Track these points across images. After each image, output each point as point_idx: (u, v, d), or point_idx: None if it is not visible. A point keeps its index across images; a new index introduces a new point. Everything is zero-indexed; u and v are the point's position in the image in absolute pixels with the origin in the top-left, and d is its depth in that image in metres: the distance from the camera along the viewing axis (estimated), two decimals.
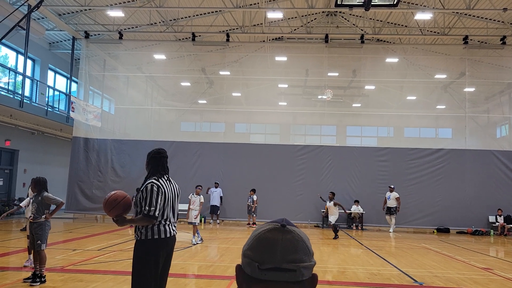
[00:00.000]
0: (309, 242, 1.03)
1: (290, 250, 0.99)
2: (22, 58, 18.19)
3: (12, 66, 19.32)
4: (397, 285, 7.37)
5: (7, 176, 19.58)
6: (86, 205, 18.68)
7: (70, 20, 18.99)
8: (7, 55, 19.34)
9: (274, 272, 0.97)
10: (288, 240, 1.00)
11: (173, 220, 4.25)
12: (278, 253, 0.98)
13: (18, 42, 17.69)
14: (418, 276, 8.16)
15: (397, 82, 21.63)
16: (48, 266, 7.10)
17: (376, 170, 18.76)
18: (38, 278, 6.65)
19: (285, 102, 23.79)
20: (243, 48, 21.24)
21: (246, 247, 1.03)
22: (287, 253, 0.98)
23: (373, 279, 7.88)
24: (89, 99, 20.12)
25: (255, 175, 18.64)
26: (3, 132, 18.26)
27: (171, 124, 23.70)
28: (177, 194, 4.34)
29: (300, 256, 0.99)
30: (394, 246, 13.44)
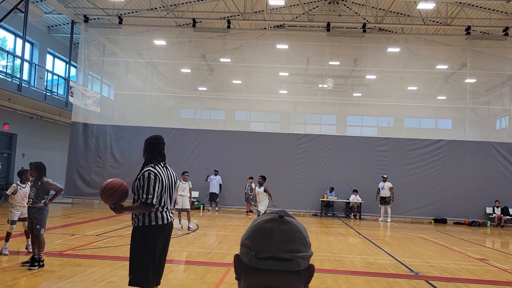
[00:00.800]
0: (306, 233, 1.04)
1: (286, 240, 1.00)
2: (20, 41, 18.02)
3: (10, 49, 19.17)
4: (393, 274, 7.42)
5: (5, 160, 19.56)
6: (84, 191, 18.71)
7: (69, 4, 18.80)
8: (5, 38, 19.17)
9: (270, 261, 0.98)
10: (285, 230, 1.01)
11: (170, 207, 4.25)
12: (275, 242, 0.99)
13: (17, 25, 17.52)
14: (414, 266, 8.21)
15: (398, 72, 21.53)
16: (46, 250, 7.12)
17: (375, 160, 18.78)
18: (36, 262, 6.68)
19: (286, 91, 23.69)
20: (244, 35, 21.08)
21: (245, 237, 1.04)
22: (284, 243, 0.99)
23: (369, 268, 7.93)
24: (88, 84, 20.02)
25: (255, 163, 18.63)
26: (1, 116, 18.19)
27: (171, 110, 23.63)
28: (174, 181, 4.34)
29: (297, 246, 1.00)
30: (391, 236, 13.51)
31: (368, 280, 6.90)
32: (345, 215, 19.01)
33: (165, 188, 4.15)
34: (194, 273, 6.79)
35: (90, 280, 6.03)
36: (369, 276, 7.17)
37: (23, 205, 7.66)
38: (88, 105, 18.76)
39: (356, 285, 6.49)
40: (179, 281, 6.22)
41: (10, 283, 5.77)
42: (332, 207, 19.10)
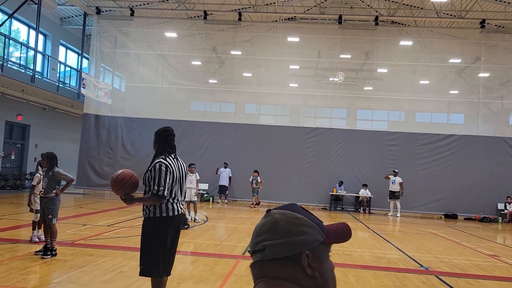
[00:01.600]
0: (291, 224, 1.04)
1: (260, 232, 1.06)
2: (33, 33, 18.18)
3: (24, 41, 19.34)
4: (403, 269, 7.41)
5: (19, 150, 19.83)
6: (96, 182, 18.90)
7: None
8: (19, 29, 19.34)
9: (253, 255, 1.06)
10: (263, 223, 1.07)
11: (181, 199, 4.28)
12: (253, 237, 1.07)
13: (30, 17, 17.67)
14: (424, 261, 8.18)
15: (410, 66, 21.31)
16: (58, 240, 7.23)
17: (385, 154, 18.68)
18: (49, 251, 6.78)
19: (296, 84, 23.60)
20: (255, 27, 21.00)
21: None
22: (257, 235, 1.06)
23: (379, 262, 7.92)
24: (100, 76, 20.15)
25: (265, 156, 18.67)
26: (15, 107, 18.41)
27: (181, 103, 23.68)
28: (185, 173, 4.36)
29: (268, 235, 1.04)
30: (401, 231, 13.47)
31: (378, 274, 6.90)
32: (354, 209, 18.97)
33: (176, 179, 4.18)
34: (203, 265, 6.84)
35: (102, 270, 6.11)
36: (378, 271, 7.17)
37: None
38: (99, 97, 18.89)
39: (365, 279, 6.50)
40: (188, 273, 6.28)
41: (24, 271, 5.87)
42: (341, 201, 19.08)
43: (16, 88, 17.30)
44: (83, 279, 5.63)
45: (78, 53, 22.74)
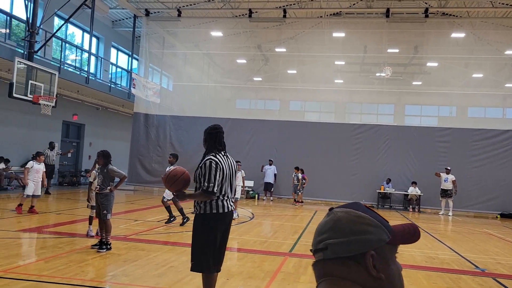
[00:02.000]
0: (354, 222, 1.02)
1: (322, 231, 1.05)
2: (87, 36, 19.00)
3: (78, 44, 20.27)
4: (457, 270, 7.15)
5: (75, 148, 20.82)
6: (146, 178, 19.52)
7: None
8: (74, 33, 20.28)
9: (315, 254, 1.06)
10: (325, 222, 1.06)
11: (231, 196, 4.34)
12: (315, 235, 1.07)
13: (84, 21, 18.47)
14: (479, 262, 7.86)
15: (463, 59, 20.45)
16: (112, 234, 7.53)
17: (436, 151, 18.05)
18: (104, 245, 7.09)
19: (342, 80, 23.25)
20: (300, 24, 20.87)
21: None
22: (319, 234, 1.05)
23: (431, 262, 7.69)
24: (149, 76, 20.78)
25: (310, 153, 18.56)
26: (71, 107, 19.34)
27: (227, 101, 23.96)
28: (234, 169, 4.41)
29: (330, 234, 1.03)
30: (453, 230, 12.98)
31: (430, 275, 6.70)
32: (403, 207, 18.48)
33: (225, 176, 4.24)
34: (251, 261, 6.91)
35: (153, 264, 6.31)
36: (431, 271, 6.96)
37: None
38: (148, 96, 19.48)
39: (417, 280, 6.33)
40: (236, 269, 6.36)
41: (81, 264, 6.18)
42: (389, 199, 18.64)
43: (72, 89, 18.17)
44: (136, 272, 5.85)
45: (128, 54, 23.57)
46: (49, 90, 13.74)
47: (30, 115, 16.67)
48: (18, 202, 10.82)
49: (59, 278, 5.38)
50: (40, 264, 6.02)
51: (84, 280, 5.41)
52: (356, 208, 1.06)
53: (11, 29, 15.51)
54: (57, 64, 16.23)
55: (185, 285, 5.38)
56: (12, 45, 14.58)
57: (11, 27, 15.53)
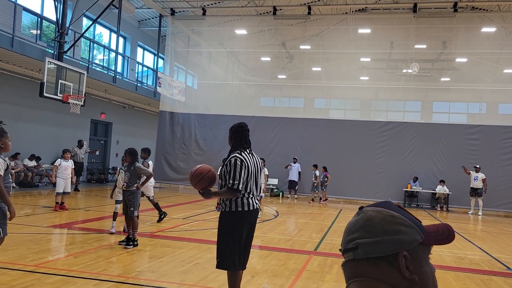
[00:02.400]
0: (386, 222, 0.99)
1: (352, 230, 1.02)
2: (114, 36, 19.35)
3: (106, 44, 20.67)
4: (488, 271, 6.96)
5: (103, 146, 21.27)
6: (171, 176, 19.76)
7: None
8: (101, 33, 20.69)
9: (344, 254, 1.03)
10: (355, 221, 1.03)
11: (256, 193, 4.33)
12: (345, 235, 1.04)
13: (111, 21, 18.81)
14: (511, 263, 7.63)
15: (493, 54, 19.86)
16: (139, 231, 7.65)
17: (465, 149, 17.61)
18: (131, 241, 7.21)
19: (367, 77, 22.93)
20: (325, 21, 20.67)
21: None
22: (349, 233, 1.02)
23: (460, 263, 7.51)
24: (174, 75, 21.00)
25: (334, 151, 18.41)
26: (99, 106, 19.76)
27: (251, 99, 23.98)
28: (259, 167, 4.40)
29: (361, 233, 1.00)
30: (484, 230, 12.65)
31: (460, 276, 6.54)
32: (430, 206, 18.13)
33: (251, 174, 4.23)
34: (276, 259, 6.91)
35: (179, 261, 6.38)
36: (460, 272, 6.80)
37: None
38: (174, 95, 19.70)
39: (446, 281, 6.19)
40: (261, 267, 6.37)
41: (109, 260, 6.31)
42: (416, 197, 18.31)
43: (100, 88, 18.55)
44: (162, 269, 5.93)
45: (154, 53, 23.88)
46: (78, 89, 14.06)
47: (59, 113, 17.11)
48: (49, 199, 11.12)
49: (88, 273, 5.51)
50: (69, 259, 6.17)
51: (112, 276, 5.52)
52: (387, 207, 1.03)
53: (41, 30, 15.94)
54: (85, 64, 16.59)
55: (211, 282, 5.42)
56: (43, 46, 14.98)
57: (41, 28, 15.95)
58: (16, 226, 8.40)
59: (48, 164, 17.25)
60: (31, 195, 13.85)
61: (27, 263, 5.77)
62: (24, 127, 15.88)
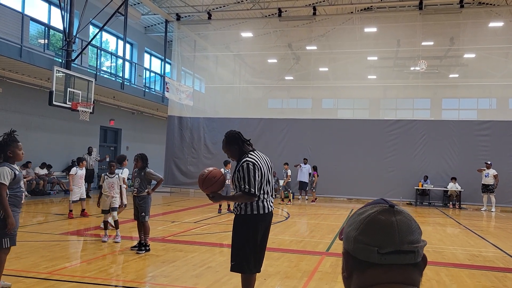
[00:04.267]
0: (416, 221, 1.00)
1: (406, 231, 0.96)
2: (121, 43, 19.50)
3: (113, 51, 20.83)
4: (503, 268, 6.87)
5: (112, 152, 21.40)
6: (181, 180, 19.83)
7: (163, 4, 19.89)
8: (108, 40, 20.85)
9: (394, 256, 0.94)
10: (401, 221, 0.97)
11: (270, 193, 4.28)
12: (397, 235, 0.95)
13: (118, 28, 18.96)
14: None
15: (502, 49, 19.65)
16: (151, 236, 7.67)
17: (476, 145, 17.44)
18: (143, 246, 7.24)
19: (375, 76, 22.84)
20: (330, 21, 20.64)
21: (356, 232, 0.99)
22: (405, 234, 0.95)
23: (474, 260, 7.43)
24: (181, 79, 21.10)
25: (344, 150, 18.34)
26: (108, 112, 19.90)
27: (259, 101, 23.98)
28: (270, 166, 4.36)
29: (416, 236, 0.96)
30: (497, 227, 12.50)
31: (474, 273, 6.47)
32: (442, 204, 17.96)
33: (264, 175, 4.20)
34: (288, 261, 6.89)
35: (191, 265, 6.39)
36: (474, 270, 6.72)
37: (110, 195, 8.20)
38: (182, 99, 19.78)
39: (460, 279, 6.13)
40: (274, 269, 6.35)
41: (122, 265, 6.34)
42: (428, 195, 18.16)
43: (108, 95, 18.69)
44: (174, 273, 5.94)
45: (161, 59, 24.03)
46: (86, 96, 14.18)
47: (69, 121, 17.26)
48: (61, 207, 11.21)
49: (101, 279, 5.54)
50: (83, 265, 6.21)
51: (125, 281, 5.54)
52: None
53: (49, 40, 16.11)
54: (93, 71, 16.74)
55: (223, 285, 5.42)
56: (51, 55, 15.14)
57: (49, 37, 16.13)
58: (29, 234, 8.48)
59: (59, 172, 17.40)
60: (43, 203, 13.98)
61: (41, 271, 5.82)
62: (34, 136, 16.05)
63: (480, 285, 5.82)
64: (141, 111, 22.45)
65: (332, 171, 18.30)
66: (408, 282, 0.94)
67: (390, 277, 0.94)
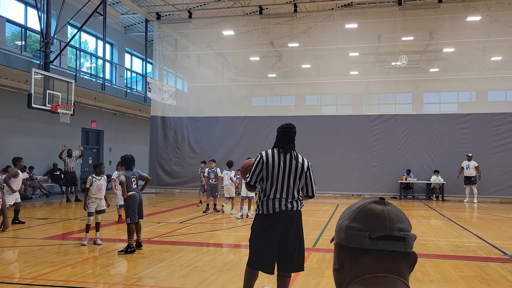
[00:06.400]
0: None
1: (396, 219, 0.99)
2: (101, 43, 19.22)
3: (92, 51, 20.54)
4: (485, 258, 7.00)
5: (95, 155, 21.13)
6: (166, 181, 19.68)
7: (142, 3, 19.67)
8: (87, 40, 20.55)
9: (385, 241, 0.95)
10: (391, 210, 1.00)
11: (286, 195, 4.22)
12: (387, 221, 0.97)
13: (97, 28, 18.69)
14: (508, 249, 7.68)
15: (480, 42, 20.01)
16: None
17: (457, 138, 17.73)
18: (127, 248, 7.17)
19: (357, 71, 23.03)
20: (311, 18, 20.70)
21: (348, 221, 1.01)
22: (395, 221, 0.98)
23: (457, 251, 7.55)
24: (163, 79, 20.93)
25: (328, 147, 18.44)
26: (89, 114, 19.62)
27: (242, 99, 23.98)
28: (295, 169, 4.31)
29: (406, 225, 0.99)
30: (479, 217, 12.73)
31: (457, 264, 6.57)
32: (426, 196, 18.22)
33: (278, 175, 4.23)
34: None
35: (178, 265, 6.35)
36: (457, 260, 6.83)
37: (98, 197, 8.07)
38: (164, 99, 19.62)
39: (444, 269, 6.22)
40: None
41: (108, 268, 6.26)
42: (412, 189, 18.39)
43: (89, 97, 18.43)
44: (161, 274, 5.89)
45: (142, 58, 23.79)
46: (66, 98, 13.95)
47: (50, 124, 16.97)
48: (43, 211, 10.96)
49: (86, 283, 5.46)
50: (67, 269, 6.11)
51: (111, 284, 5.48)
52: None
53: (26, 41, 15.81)
54: (73, 73, 16.47)
55: (210, 284, 5.40)
56: (28, 57, 14.85)
57: (26, 39, 15.82)
58: (11, 240, 8.32)
59: (41, 176, 17.10)
60: (24, 208, 13.70)
61: (25, 276, 5.72)
62: (14, 139, 15.73)
63: (464, 275, 5.91)
64: (123, 112, 22.20)
65: (317, 167, 18.25)
66: (397, 273, 0.95)
67: (381, 265, 0.94)
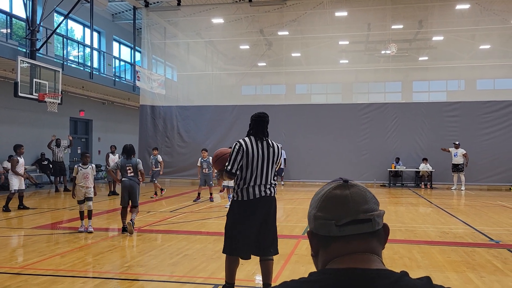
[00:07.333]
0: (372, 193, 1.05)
1: (360, 201, 1.00)
2: (88, 31, 18.94)
3: (80, 39, 20.23)
4: (471, 243, 7.11)
5: (84, 144, 20.95)
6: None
7: None
8: (73, 28, 20.21)
9: (351, 226, 0.97)
10: (355, 193, 1.01)
11: (265, 182, 4.29)
12: (351, 206, 0.99)
13: (84, 15, 18.40)
14: (494, 235, 7.81)
15: (469, 31, 20.09)
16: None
17: (446, 126, 17.89)
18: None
19: (347, 60, 23.04)
20: (301, 5, 20.58)
21: (315, 210, 1.03)
22: (359, 204, 0.99)
23: (445, 237, 7.66)
24: (152, 68, 20.71)
25: (318, 135, 18.50)
26: (77, 103, 19.40)
27: (232, 88, 23.87)
28: (271, 156, 4.36)
29: (371, 205, 1.00)
30: (467, 204, 12.91)
31: (444, 250, 6.67)
32: (415, 184, 18.41)
33: (254, 161, 4.25)
34: None
35: (168, 254, 6.36)
36: (445, 246, 6.93)
37: (85, 186, 8.10)
38: (153, 88, 19.45)
39: (431, 255, 6.30)
40: None
41: (97, 257, 6.25)
42: (400, 177, 18.57)
43: (77, 85, 18.20)
44: (151, 263, 5.90)
45: (130, 47, 23.49)
46: (53, 87, 13.77)
47: (37, 113, 16.76)
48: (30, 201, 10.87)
49: (76, 271, 5.45)
50: (56, 259, 6.09)
51: (101, 273, 5.47)
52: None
53: (12, 29, 15.52)
54: (60, 61, 16.24)
55: (200, 272, 5.42)
56: (14, 45, 14.59)
57: (12, 26, 15.53)
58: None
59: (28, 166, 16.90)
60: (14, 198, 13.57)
61: (13, 266, 5.68)
62: (1, 129, 15.52)
63: (450, 260, 6.00)
64: (112, 101, 21.98)
65: (307, 155, 18.44)
66: (368, 251, 0.97)
67: (351, 247, 0.97)
